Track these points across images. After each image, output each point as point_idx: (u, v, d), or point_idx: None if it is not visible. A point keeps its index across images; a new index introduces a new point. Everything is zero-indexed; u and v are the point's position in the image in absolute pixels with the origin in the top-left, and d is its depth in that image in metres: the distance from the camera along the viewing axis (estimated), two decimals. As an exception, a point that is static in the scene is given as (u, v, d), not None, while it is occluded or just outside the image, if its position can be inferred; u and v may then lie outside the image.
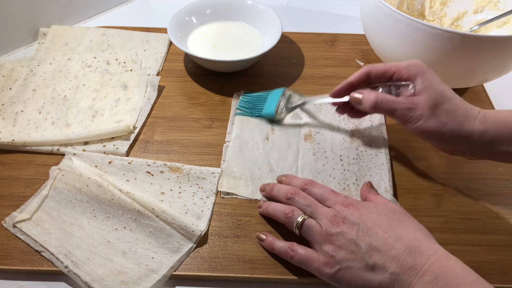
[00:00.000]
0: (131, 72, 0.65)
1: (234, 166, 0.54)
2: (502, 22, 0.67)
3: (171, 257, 0.46)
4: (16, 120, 0.59)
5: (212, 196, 0.51)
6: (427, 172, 0.55)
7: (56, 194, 0.50)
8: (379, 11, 0.58)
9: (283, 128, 0.59)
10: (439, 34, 0.53)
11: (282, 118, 0.60)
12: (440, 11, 0.73)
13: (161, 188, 0.52)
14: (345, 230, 0.41)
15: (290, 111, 0.60)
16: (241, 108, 0.61)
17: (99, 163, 0.53)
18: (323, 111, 0.61)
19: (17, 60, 0.67)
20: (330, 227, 0.42)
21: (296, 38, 0.75)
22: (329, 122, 0.60)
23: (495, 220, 0.50)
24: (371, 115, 0.60)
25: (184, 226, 0.47)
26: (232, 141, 0.57)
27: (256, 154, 0.56)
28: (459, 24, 0.72)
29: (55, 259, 0.45)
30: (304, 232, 0.44)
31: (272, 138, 0.58)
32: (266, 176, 0.53)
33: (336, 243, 0.41)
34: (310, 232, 0.43)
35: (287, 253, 0.44)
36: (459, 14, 0.72)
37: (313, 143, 0.57)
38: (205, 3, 0.72)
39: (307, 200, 0.45)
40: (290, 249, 0.44)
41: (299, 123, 0.60)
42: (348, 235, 0.41)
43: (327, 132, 0.59)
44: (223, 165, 0.55)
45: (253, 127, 0.59)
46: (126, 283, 0.43)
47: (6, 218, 0.48)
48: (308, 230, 0.43)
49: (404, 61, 0.49)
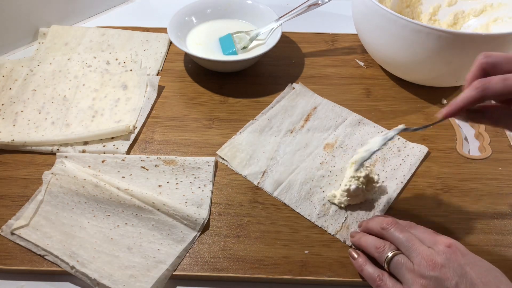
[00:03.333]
0: (131, 72, 0.65)
1: (244, 140, 0.57)
2: (479, 11, 0.68)
3: (176, 247, 0.46)
4: (16, 120, 0.59)
5: (209, 184, 0.52)
6: (427, 172, 0.55)
7: (51, 198, 0.50)
8: (368, 9, 0.59)
9: (313, 128, 0.59)
10: (429, 32, 0.53)
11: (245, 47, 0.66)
12: (416, 8, 0.73)
13: (157, 181, 0.52)
14: (443, 276, 0.37)
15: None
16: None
17: (92, 163, 0.53)
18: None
19: (17, 60, 0.67)
20: (425, 268, 0.38)
21: (296, 38, 0.75)
22: (361, 142, 0.57)
23: (495, 220, 0.50)
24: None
25: (186, 216, 0.48)
26: (259, 121, 0.59)
27: (271, 140, 0.57)
28: (437, 19, 0.73)
29: (59, 261, 0.45)
30: (393, 268, 0.41)
31: (297, 133, 0.58)
32: (264, 161, 0.55)
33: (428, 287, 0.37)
34: (399, 269, 0.40)
35: (375, 280, 0.41)
36: (434, 9, 0.72)
37: (329, 155, 0.56)
38: (205, 3, 0.72)
39: (403, 233, 0.41)
40: (379, 277, 0.41)
41: (333, 132, 0.58)
42: (445, 283, 0.36)
43: (350, 151, 0.56)
44: (237, 135, 0.57)
45: (286, 119, 0.60)
46: (135, 276, 0.44)
47: (3, 227, 0.48)
48: (397, 266, 0.40)
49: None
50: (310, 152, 0.56)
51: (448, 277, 0.37)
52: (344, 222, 0.49)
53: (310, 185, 0.52)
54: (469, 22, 0.69)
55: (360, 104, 0.63)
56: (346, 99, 0.64)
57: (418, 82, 0.65)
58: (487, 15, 0.68)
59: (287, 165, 0.54)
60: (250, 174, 0.54)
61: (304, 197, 0.51)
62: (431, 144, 0.58)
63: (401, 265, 0.40)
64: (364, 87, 0.67)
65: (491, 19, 0.67)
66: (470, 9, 0.70)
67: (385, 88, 0.66)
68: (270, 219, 0.50)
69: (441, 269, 0.37)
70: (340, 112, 0.61)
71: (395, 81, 0.67)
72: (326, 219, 0.50)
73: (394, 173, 0.54)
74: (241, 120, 0.60)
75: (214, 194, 0.52)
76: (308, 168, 0.54)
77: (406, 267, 0.39)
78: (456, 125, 0.61)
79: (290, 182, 0.53)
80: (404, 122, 0.61)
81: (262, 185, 0.53)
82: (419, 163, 0.55)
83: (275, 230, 0.49)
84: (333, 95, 0.64)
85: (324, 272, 0.45)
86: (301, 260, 0.46)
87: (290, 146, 0.57)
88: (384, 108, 0.63)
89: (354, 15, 0.65)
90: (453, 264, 0.37)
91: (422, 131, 0.50)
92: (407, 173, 0.54)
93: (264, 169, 0.54)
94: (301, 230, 0.49)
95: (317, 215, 0.50)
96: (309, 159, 0.55)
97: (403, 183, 0.53)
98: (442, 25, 0.72)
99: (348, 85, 0.67)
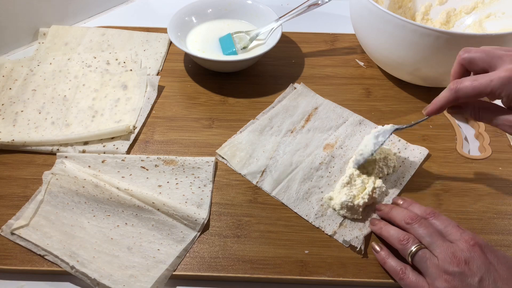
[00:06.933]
0: (131, 72, 0.65)
1: (245, 139, 0.57)
2: (471, 8, 0.69)
3: (176, 247, 0.46)
4: (16, 120, 0.59)
5: (209, 184, 0.52)
6: (427, 172, 0.55)
7: (51, 198, 0.50)
8: (364, 9, 0.59)
9: (314, 129, 0.59)
10: (426, 33, 0.53)
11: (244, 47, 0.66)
12: (408, 9, 0.73)
13: (157, 181, 0.52)
14: (466, 272, 0.37)
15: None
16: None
17: (92, 163, 0.53)
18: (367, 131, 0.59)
19: (17, 60, 0.67)
20: (448, 264, 0.38)
21: (296, 38, 0.75)
22: (360, 142, 0.57)
23: (495, 220, 0.50)
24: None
25: (186, 216, 0.48)
26: (260, 120, 0.59)
27: (271, 140, 0.57)
28: (429, 18, 0.73)
29: (59, 261, 0.45)
30: (417, 262, 0.41)
31: (297, 133, 0.58)
32: (264, 160, 0.55)
33: (451, 283, 0.38)
34: (423, 263, 0.40)
35: (397, 273, 0.42)
36: (426, 8, 0.73)
37: (328, 155, 0.56)
38: (205, 3, 0.72)
39: (427, 229, 0.42)
40: (402, 270, 0.42)
41: (333, 132, 0.58)
42: (469, 280, 0.37)
43: (350, 152, 0.56)
44: (237, 134, 0.58)
45: (286, 118, 0.60)
46: (135, 276, 0.44)
47: (3, 227, 0.48)
48: (422, 260, 0.41)
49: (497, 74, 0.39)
50: (310, 152, 0.56)
51: (472, 274, 0.37)
52: (342, 222, 0.49)
53: (308, 185, 0.52)
54: (461, 20, 0.70)
55: (360, 104, 0.63)
56: (346, 99, 0.64)
57: (416, 83, 0.65)
58: (479, 11, 0.68)
59: (286, 165, 0.54)
60: (249, 173, 0.54)
61: (302, 197, 0.51)
62: (431, 144, 0.58)
63: (425, 259, 0.40)
64: (364, 87, 0.67)
65: (483, 15, 0.68)
66: (462, 6, 0.70)
67: (385, 88, 0.66)
68: (270, 219, 0.50)
69: (465, 266, 0.38)
70: (342, 112, 0.61)
71: (395, 81, 0.67)
72: (324, 219, 0.50)
73: (394, 174, 0.54)
74: (241, 120, 0.60)
75: (214, 194, 0.52)
76: (307, 168, 0.54)
77: (430, 262, 0.40)
78: (456, 125, 0.61)
79: (288, 182, 0.53)
80: (404, 122, 0.61)
81: (260, 184, 0.53)
82: (419, 165, 0.55)
83: (275, 230, 0.49)
84: (333, 95, 0.64)
85: (324, 272, 0.45)
86: (301, 260, 0.46)
87: (290, 146, 0.57)
88: (384, 108, 0.63)
89: (352, 15, 0.65)
90: (477, 261, 0.38)
91: (412, 127, 0.51)
92: (406, 175, 0.54)
93: (263, 168, 0.54)
94: (301, 230, 0.49)
95: (314, 215, 0.50)
96: (308, 159, 0.55)
97: (402, 185, 0.53)
98: (435, 24, 0.72)
99: (348, 85, 0.67)
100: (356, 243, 0.47)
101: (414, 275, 0.41)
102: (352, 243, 0.47)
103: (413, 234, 0.43)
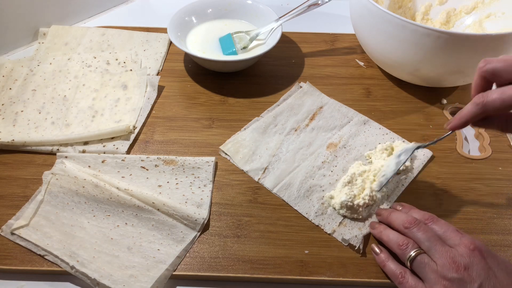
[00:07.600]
0: (131, 72, 0.65)
1: (248, 136, 0.57)
2: (471, 8, 0.69)
3: (176, 247, 0.46)
4: (16, 120, 0.59)
5: (209, 184, 0.52)
6: (427, 172, 0.55)
7: (51, 198, 0.50)
8: (364, 9, 0.59)
9: (318, 128, 0.59)
10: (426, 33, 0.53)
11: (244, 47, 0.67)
12: (408, 9, 0.73)
13: (157, 181, 0.52)
14: (466, 279, 0.37)
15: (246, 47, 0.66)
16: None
17: (92, 163, 0.53)
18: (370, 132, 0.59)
19: (17, 60, 0.67)
20: (448, 270, 0.38)
21: (296, 38, 0.75)
22: (365, 143, 0.57)
23: (495, 220, 0.50)
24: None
25: (186, 216, 0.48)
26: (264, 118, 0.60)
27: (275, 137, 0.57)
28: (429, 18, 0.73)
29: (59, 261, 0.45)
30: (416, 267, 0.41)
31: (301, 132, 0.58)
32: (267, 158, 0.55)
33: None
34: (422, 269, 0.40)
35: (397, 277, 0.42)
36: (426, 8, 0.73)
37: (331, 154, 0.56)
38: (205, 3, 0.72)
39: (426, 233, 0.42)
40: (401, 274, 0.42)
41: (337, 131, 0.58)
42: (468, 286, 0.37)
43: (353, 152, 0.56)
44: (241, 131, 0.58)
45: (291, 117, 0.60)
46: (135, 276, 0.44)
47: (3, 227, 0.48)
48: (420, 266, 0.40)
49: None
50: (313, 151, 0.56)
51: (471, 280, 0.37)
52: (342, 221, 0.49)
53: (310, 184, 0.52)
54: (461, 19, 0.70)
55: (360, 104, 0.63)
56: (346, 99, 0.64)
57: (416, 83, 0.65)
58: (479, 11, 0.68)
59: (289, 163, 0.54)
60: (252, 170, 0.54)
61: (303, 195, 0.51)
62: (431, 144, 0.58)
63: (424, 264, 0.40)
64: (364, 87, 0.67)
65: (483, 15, 0.68)
66: (462, 6, 0.70)
67: (385, 88, 0.66)
68: (270, 219, 0.50)
69: (464, 272, 0.37)
70: (346, 112, 0.61)
71: (395, 81, 0.67)
72: (324, 218, 0.50)
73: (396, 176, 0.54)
74: (241, 120, 0.60)
75: (214, 194, 0.52)
76: (310, 166, 0.54)
77: (429, 267, 0.40)
78: (456, 125, 0.61)
79: (290, 180, 0.53)
80: (404, 121, 0.61)
81: (262, 181, 0.53)
82: (422, 167, 0.55)
83: (275, 230, 0.49)
84: (333, 95, 0.64)
85: (324, 272, 0.45)
86: (301, 260, 0.46)
87: (293, 144, 0.57)
88: (384, 108, 0.63)
89: (352, 15, 0.65)
90: (476, 267, 0.38)
91: (434, 144, 0.50)
92: (409, 176, 0.54)
93: (265, 165, 0.54)
94: (301, 230, 0.49)
95: (315, 213, 0.50)
96: (311, 157, 0.55)
97: (404, 186, 0.53)
98: (435, 24, 0.72)
99: (348, 85, 0.67)
100: (355, 242, 0.47)
101: (414, 280, 0.41)
102: (351, 242, 0.47)
103: (412, 238, 0.43)
